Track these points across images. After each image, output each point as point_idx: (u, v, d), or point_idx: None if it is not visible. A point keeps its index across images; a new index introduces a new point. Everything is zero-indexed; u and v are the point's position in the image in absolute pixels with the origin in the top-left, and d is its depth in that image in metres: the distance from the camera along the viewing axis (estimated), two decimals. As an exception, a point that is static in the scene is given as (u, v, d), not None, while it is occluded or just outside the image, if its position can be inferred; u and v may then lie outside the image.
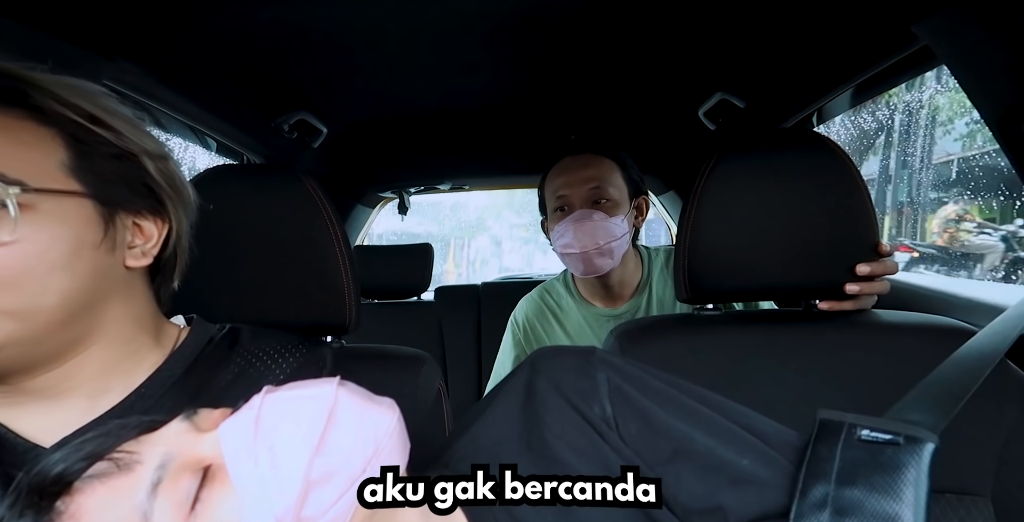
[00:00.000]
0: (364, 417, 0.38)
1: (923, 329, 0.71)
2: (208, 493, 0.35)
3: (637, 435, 0.46)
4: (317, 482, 0.35)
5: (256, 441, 0.36)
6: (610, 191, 1.09)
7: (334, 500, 0.35)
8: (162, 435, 0.38)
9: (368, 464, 0.37)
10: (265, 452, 0.35)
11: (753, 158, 0.74)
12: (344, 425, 0.37)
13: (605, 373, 0.48)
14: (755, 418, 0.48)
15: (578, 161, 1.11)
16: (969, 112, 4.84)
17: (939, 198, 5.25)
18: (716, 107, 1.24)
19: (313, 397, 0.38)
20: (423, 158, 1.74)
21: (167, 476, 0.35)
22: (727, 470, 0.43)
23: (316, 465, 0.35)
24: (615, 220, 1.07)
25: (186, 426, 0.39)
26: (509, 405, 0.50)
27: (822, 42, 0.94)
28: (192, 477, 0.35)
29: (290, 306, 0.71)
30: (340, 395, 0.38)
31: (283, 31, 0.87)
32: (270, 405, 0.38)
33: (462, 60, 1.04)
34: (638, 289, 1.17)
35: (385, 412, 0.40)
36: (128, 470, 0.36)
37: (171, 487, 0.35)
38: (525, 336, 1.21)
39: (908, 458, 0.42)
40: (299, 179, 0.72)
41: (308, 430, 0.36)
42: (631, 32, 0.95)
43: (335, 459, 0.36)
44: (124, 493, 0.35)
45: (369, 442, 0.37)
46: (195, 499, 0.35)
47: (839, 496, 0.41)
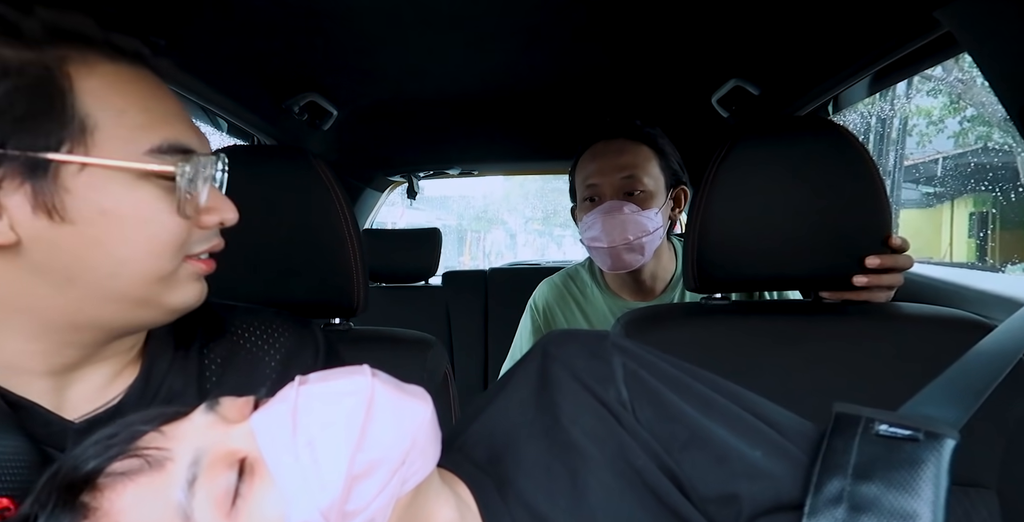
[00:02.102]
0: (401, 410, 0.38)
1: (936, 322, 0.70)
2: (248, 488, 0.35)
3: (653, 419, 0.46)
4: (360, 477, 0.35)
5: (295, 435, 0.35)
6: (645, 181, 1.01)
7: (376, 493, 0.35)
8: (188, 428, 0.38)
9: (407, 456, 0.37)
10: (305, 446, 0.35)
11: (766, 146, 0.73)
12: (383, 419, 0.37)
13: (620, 358, 0.48)
14: (769, 408, 0.47)
15: (611, 147, 1.04)
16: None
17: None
18: (730, 94, 1.22)
19: (350, 391, 0.38)
20: (433, 142, 1.73)
21: (202, 472, 0.35)
22: (741, 459, 0.43)
23: (358, 460, 0.35)
24: (648, 213, 1.00)
25: (212, 418, 0.38)
26: (523, 390, 0.49)
27: (840, 27, 0.92)
28: (229, 471, 0.35)
29: (299, 287, 0.72)
30: (376, 388, 0.38)
31: (295, 12, 0.86)
32: (306, 398, 0.37)
33: (474, 44, 1.03)
34: (671, 283, 1.10)
35: (420, 404, 0.39)
36: (159, 467, 0.35)
37: (209, 483, 0.34)
38: (545, 322, 1.16)
39: (928, 454, 0.42)
40: (310, 162, 0.72)
41: (348, 425, 0.36)
42: (646, 16, 0.93)
43: (376, 453, 0.36)
44: (159, 491, 0.34)
45: (407, 435, 0.37)
46: (235, 494, 0.34)
47: (855, 491, 0.41)
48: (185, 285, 0.45)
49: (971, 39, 0.75)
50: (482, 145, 1.79)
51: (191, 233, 0.44)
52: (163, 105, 0.43)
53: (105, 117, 0.39)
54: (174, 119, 0.44)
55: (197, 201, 0.43)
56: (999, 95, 0.74)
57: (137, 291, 0.42)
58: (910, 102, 6.33)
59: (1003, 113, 0.73)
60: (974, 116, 6.43)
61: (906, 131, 6.38)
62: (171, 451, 0.36)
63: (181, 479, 0.34)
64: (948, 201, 7.77)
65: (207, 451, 0.36)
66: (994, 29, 0.71)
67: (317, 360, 0.58)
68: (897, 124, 6.11)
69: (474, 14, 0.90)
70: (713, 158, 0.73)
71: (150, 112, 0.42)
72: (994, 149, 6.69)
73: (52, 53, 0.38)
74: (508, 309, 1.31)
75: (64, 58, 0.38)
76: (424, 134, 1.64)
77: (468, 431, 0.50)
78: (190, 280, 0.46)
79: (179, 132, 0.43)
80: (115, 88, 0.40)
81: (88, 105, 0.39)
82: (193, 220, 0.44)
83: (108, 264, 0.41)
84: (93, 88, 0.39)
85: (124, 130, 0.40)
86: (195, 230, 0.45)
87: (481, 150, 1.86)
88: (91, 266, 0.40)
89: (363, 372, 0.39)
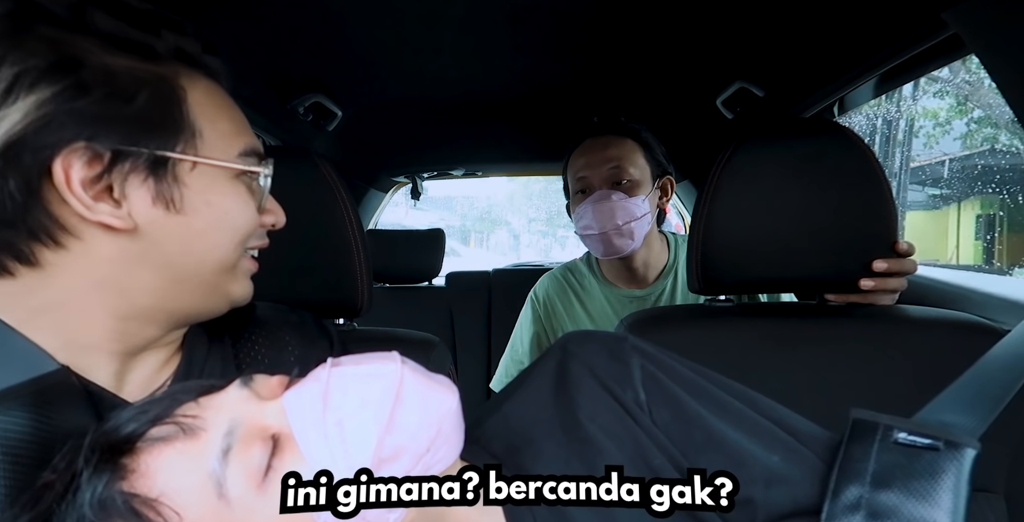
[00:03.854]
0: (428, 397, 0.39)
1: (942, 325, 0.70)
2: (279, 462, 0.36)
3: (670, 422, 0.46)
4: (387, 460, 0.36)
5: (325, 415, 0.36)
6: (631, 171, 1.07)
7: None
8: (223, 400, 0.39)
9: (432, 444, 0.37)
10: (334, 426, 0.36)
11: (771, 148, 0.73)
12: (410, 405, 0.38)
13: (639, 359, 0.48)
14: (784, 413, 0.47)
15: (598, 142, 1.10)
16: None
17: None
18: (735, 95, 1.22)
19: (380, 374, 0.39)
20: (437, 143, 1.74)
21: (236, 444, 0.36)
22: (757, 464, 0.43)
23: (386, 443, 0.36)
24: (635, 200, 1.06)
25: (246, 393, 0.39)
26: (541, 386, 0.50)
27: (846, 28, 0.92)
28: (263, 446, 0.36)
29: (303, 287, 0.72)
30: (406, 374, 0.39)
31: (301, 12, 0.87)
32: (337, 379, 0.38)
33: (479, 45, 1.03)
34: (663, 272, 1.15)
35: (447, 393, 0.40)
36: (193, 435, 0.37)
37: (243, 455, 0.36)
38: (546, 313, 1.20)
39: (948, 464, 0.41)
40: (314, 162, 0.72)
41: (377, 408, 0.37)
42: (650, 18, 0.93)
43: (402, 438, 0.37)
44: (194, 458, 0.36)
45: (433, 422, 0.38)
46: (268, 468, 0.35)
47: (874, 499, 0.40)
48: (243, 278, 0.52)
49: (978, 41, 0.74)
50: (486, 146, 1.79)
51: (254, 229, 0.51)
52: (239, 116, 0.51)
53: (205, 124, 0.46)
54: (247, 128, 0.51)
55: (265, 200, 0.51)
56: (1007, 97, 0.74)
57: (213, 278, 0.49)
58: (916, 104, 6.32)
59: (1011, 115, 0.73)
60: (981, 118, 6.41)
61: (912, 133, 6.37)
62: (206, 420, 0.37)
63: (216, 448, 0.36)
64: (955, 203, 7.73)
65: (241, 423, 0.37)
66: (1002, 31, 0.70)
67: (333, 354, 0.60)
68: (903, 126, 6.10)
69: (479, 16, 0.91)
70: (718, 159, 0.73)
71: (233, 121, 0.49)
72: (1001, 151, 6.66)
73: (172, 69, 0.45)
74: (511, 310, 1.31)
75: (178, 73, 0.46)
76: (428, 135, 1.64)
77: (486, 425, 0.50)
78: (245, 275, 0.52)
79: (253, 139, 0.51)
80: (210, 100, 0.48)
81: (195, 114, 0.46)
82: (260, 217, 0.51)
83: (202, 251, 0.47)
84: (197, 100, 0.46)
85: (219, 136, 0.47)
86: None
87: (485, 151, 1.86)
88: (189, 252, 0.47)
89: (393, 358, 0.40)
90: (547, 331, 1.20)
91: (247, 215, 0.49)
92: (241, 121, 0.51)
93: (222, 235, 0.48)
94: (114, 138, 0.41)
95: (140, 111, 0.42)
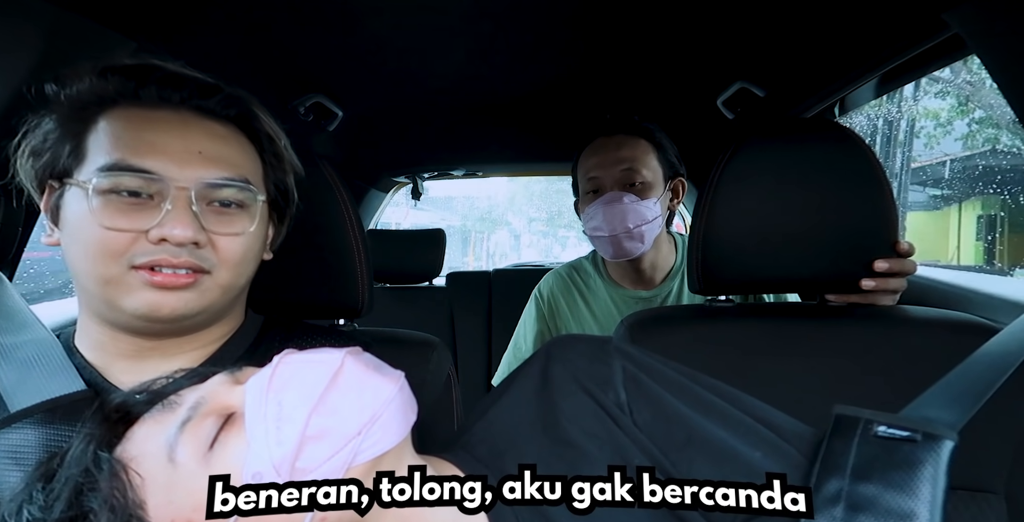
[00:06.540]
0: (365, 385, 0.41)
1: (942, 325, 0.70)
2: (226, 436, 0.39)
3: (651, 421, 0.46)
4: (312, 438, 0.38)
5: (268, 395, 0.39)
6: (643, 173, 1.06)
7: (327, 456, 0.38)
8: (207, 385, 0.43)
9: (364, 428, 0.39)
10: (274, 406, 0.39)
11: (772, 148, 0.73)
12: (345, 389, 0.40)
13: (620, 361, 0.49)
14: (768, 411, 0.48)
15: (611, 142, 1.09)
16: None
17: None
18: (735, 96, 1.22)
19: (322, 361, 0.42)
20: (437, 143, 1.74)
21: (195, 417, 0.40)
22: (740, 460, 0.43)
23: (312, 423, 0.38)
24: (647, 203, 1.04)
25: (226, 377, 0.43)
26: (525, 390, 0.51)
27: (847, 29, 0.92)
28: (216, 421, 0.40)
29: (304, 288, 0.72)
30: (347, 362, 0.42)
31: (302, 13, 0.87)
32: (285, 365, 0.42)
33: (479, 46, 1.03)
34: (671, 274, 1.15)
35: (387, 383, 0.42)
36: (171, 410, 0.41)
37: (197, 426, 0.39)
38: (549, 311, 1.19)
39: (925, 455, 0.42)
40: (315, 162, 0.72)
41: (311, 390, 0.39)
42: (652, 18, 0.93)
43: (331, 420, 0.39)
44: (163, 428, 0.40)
45: (367, 408, 0.40)
46: (214, 440, 0.39)
47: (853, 491, 0.41)
48: (136, 292, 0.50)
49: (980, 41, 0.74)
50: (487, 146, 1.79)
51: (133, 245, 0.50)
52: (135, 133, 0.52)
53: (95, 148, 0.52)
54: (137, 143, 0.52)
55: (164, 215, 0.50)
56: (1008, 97, 0.74)
57: (99, 290, 0.50)
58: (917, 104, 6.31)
59: (1012, 116, 0.73)
60: (982, 118, 6.40)
61: (913, 133, 6.36)
62: (183, 398, 0.42)
63: (179, 420, 0.40)
64: (956, 204, 7.71)
65: (207, 401, 0.41)
66: (1003, 31, 0.70)
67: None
68: (904, 126, 6.09)
69: (480, 16, 0.91)
70: (718, 160, 0.73)
71: (120, 139, 0.52)
72: (1003, 152, 6.65)
73: (95, 110, 0.52)
74: (512, 310, 1.31)
75: (100, 110, 0.53)
76: (429, 135, 1.64)
77: (472, 430, 0.51)
78: (140, 288, 0.50)
79: (129, 153, 0.51)
80: (114, 124, 0.52)
81: (90, 141, 0.51)
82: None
83: (75, 265, 0.51)
84: (100, 127, 0.52)
85: (100, 154, 0.51)
86: (141, 243, 0.50)
87: (486, 151, 1.86)
88: (72, 266, 0.51)
89: (343, 350, 0.43)
90: (550, 329, 1.20)
91: (88, 231, 0.49)
92: (134, 137, 0.51)
93: (78, 250, 0.50)
94: (47, 173, 0.51)
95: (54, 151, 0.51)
